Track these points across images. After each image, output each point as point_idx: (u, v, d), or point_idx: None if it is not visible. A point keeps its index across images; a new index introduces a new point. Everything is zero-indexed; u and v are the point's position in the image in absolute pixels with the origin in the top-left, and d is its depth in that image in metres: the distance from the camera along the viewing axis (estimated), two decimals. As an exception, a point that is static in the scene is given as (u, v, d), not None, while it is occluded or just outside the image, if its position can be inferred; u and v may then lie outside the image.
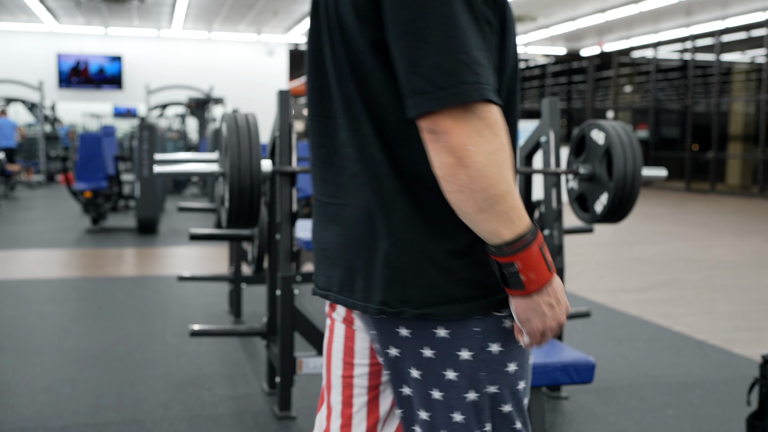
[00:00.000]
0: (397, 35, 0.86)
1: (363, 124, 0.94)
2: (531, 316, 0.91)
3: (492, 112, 0.85)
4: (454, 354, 0.94)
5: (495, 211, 0.86)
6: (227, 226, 2.30)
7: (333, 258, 1.01)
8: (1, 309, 3.95)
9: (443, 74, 0.84)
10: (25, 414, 2.45)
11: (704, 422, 2.46)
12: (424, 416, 0.98)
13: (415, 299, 0.93)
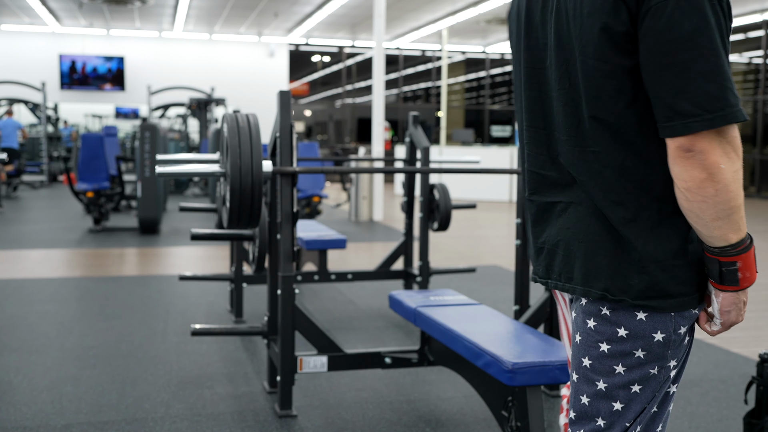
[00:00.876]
0: (661, 65, 0.99)
1: (590, 140, 1.08)
2: (732, 309, 1.07)
3: (736, 135, 1.00)
4: (650, 335, 1.09)
5: (730, 220, 1.03)
6: (228, 226, 2.32)
7: (552, 249, 1.16)
8: (4, 308, 3.97)
9: (711, 99, 0.97)
10: (27, 412, 2.47)
11: (702, 421, 2.48)
12: (602, 386, 1.13)
13: (635, 291, 1.06)
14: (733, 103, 0.97)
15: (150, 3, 13.17)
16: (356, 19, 14.58)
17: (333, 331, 3.58)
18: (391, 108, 18.09)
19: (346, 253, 6.04)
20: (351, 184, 9.07)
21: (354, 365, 2.56)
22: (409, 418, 2.49)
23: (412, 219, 3.93)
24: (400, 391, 2.75)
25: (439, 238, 6.32)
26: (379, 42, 8.61)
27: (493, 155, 11.83)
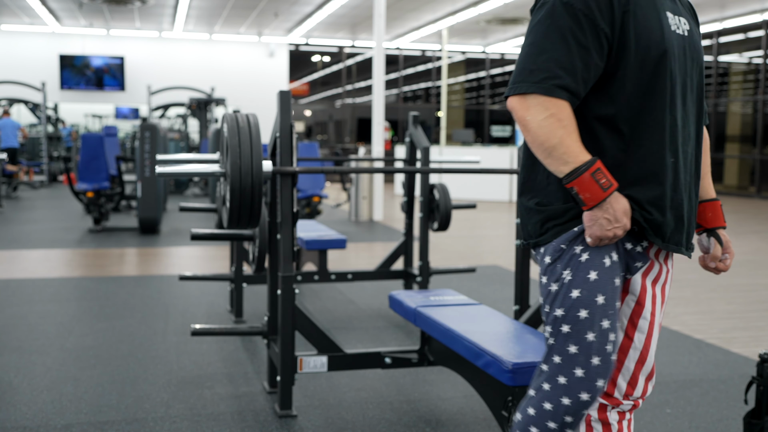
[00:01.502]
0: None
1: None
2: (593, 224, 1.31)
3: (536, 98, 1.30)
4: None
5: (552, 157, 1.31)
6: (228, 226, 2.32)
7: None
8: (4, 308, 3.97)
9: (520, 73, 1.33)
10: (27, 412, 2.47)
11: (702, 421, 2.48)
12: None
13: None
14: (532, 80, 1.30)
15: (150, 3, 13.16)
16: (356, 19, 14.58)
17: (333, 331, 3.58)
18: (391, 108, 18.09)
19: (346, 253, 6.04)
20: (351, 184, 9.08)
21: (354, 365, 2.56)
22: (409, 418, 2.49)
23: (412, 219, 3.93)
24: (400, 391, 2.75)
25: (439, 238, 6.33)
26: (379, 42, 8.61)
27: (493, 155, 11.83)
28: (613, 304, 1.35)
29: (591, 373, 1.33)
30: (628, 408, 1.44)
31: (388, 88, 18.25)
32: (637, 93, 1.34)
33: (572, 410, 1.34)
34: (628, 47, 1.32)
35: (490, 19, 14.39)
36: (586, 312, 1.33)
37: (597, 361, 1.33)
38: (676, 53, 1.37)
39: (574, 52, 1.29)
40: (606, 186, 1.29)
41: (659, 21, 1.34)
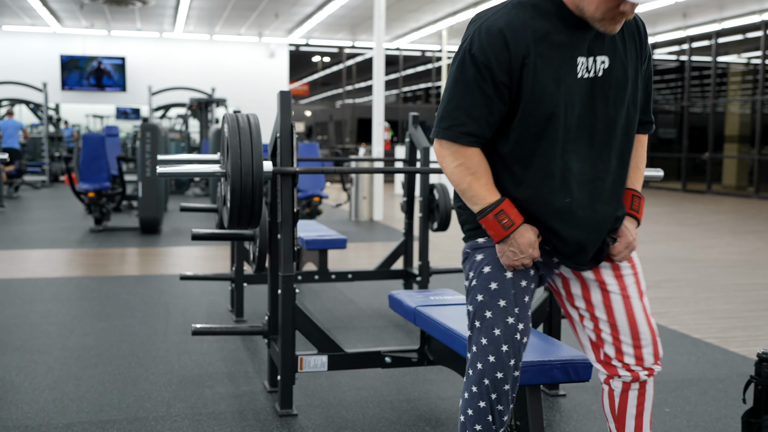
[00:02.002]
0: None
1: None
2: (501, 255, 1.56)
3: (448, 146, 1.53)
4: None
5: (465, 197, 1.56)
6: (229, 226, 2.33)
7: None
8: (6, 308, 3.98)
9: (437, 120, 1.54)
10: (29, 412, 2.48)
11: (700, 420, 2.49)
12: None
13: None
14: (443, 126, 1.51)
15: (151, 4, 13.18)
16: (356, 19, 14.59)
17: (333, 330, 3.60)
18: (391, 108, 18.09)
19: (347, 252, 6.05)
20: (351, 185, 9.09)
21: (354, 364, 2.57)
22: (409, 417, 2.50)
23: (412, 219, 3.94)
24: (400, 390, 2.76)
25: (439, 238, 6.33)
26: (379, 42, 8.62)
27: (493, 155, 11.82)
28: (515, 302, 1.57)
29: (502, 357, 1.56)
30: (628, 378, 1.62)
31: (388, 88, 18.26)
32: (529, 137, 1.51)
33: (493, 388, 1.56)
34: (522, 97, 1.48)
35: (490, 19, 14.38)
36: (490, 313, 1.57)
37: (506, 348, 1.56)
38: (576, 102, 1.50)
39: (478, 100, 1.48)
40: (507, 225, 1.52)
41: (558, 75, 1.48)
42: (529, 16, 1.47)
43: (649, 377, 1.64)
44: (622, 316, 1.62)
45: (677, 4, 12.45)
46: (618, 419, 1.68)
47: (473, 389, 1.58)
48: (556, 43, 1.48)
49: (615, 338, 1.62)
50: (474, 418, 1.60)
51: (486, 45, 1.45)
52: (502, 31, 1.45)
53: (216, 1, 13.13)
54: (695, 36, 14.94)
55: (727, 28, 14.03)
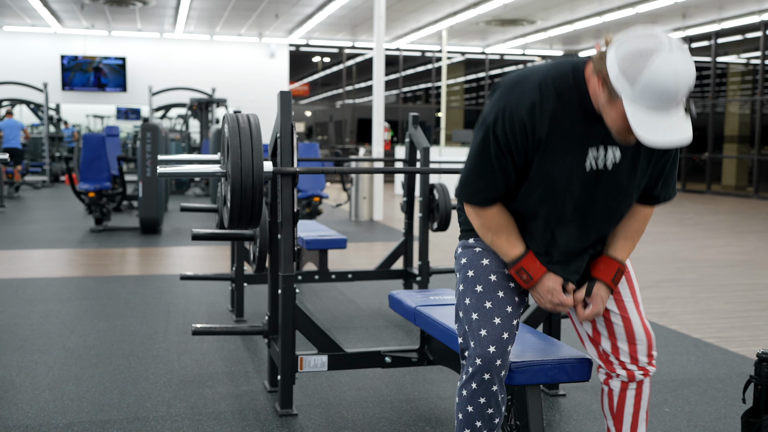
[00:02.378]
0: None
1: None
2: (538, 298, 1.71)
3: (472, 207, 1.69)
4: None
5: (495, 247, 1.71)
6: (229, 226, 2.33)
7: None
8: (6, 308, 3.99)
9: (460, 181, 1.69)
10: (29, 411, 2.48)
11: (700, 420, 2.49)
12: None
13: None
14: (468, 193, 1.66)
15: (151, 4, 13.19)
16: (356, 20, 14.60)
17: (333, 330, 3.60)
18: (391, 108, 18.10)
19: (347, 252, 6.06)
20: (351, 185, 9.09)
21: (354, 364, 2.57)
22: (409, 416, 2.50)
23: (412, 219, 3.94)
24: (400, 390, 2.76)
25: (439, 237, 6.34)
26: (379, 43, 8.63)
27: (493, 156, 11.82)
28: (491, 295, 1.71)
29: (483, 341, 1.66)
30: (625, 378, 1.74)
31: (388, 88, 18.26)
32: (528, 204, 1.65)
33: (486, 367, 1.65)
34: (530, 173, 1.61)
35: (489, 20, 14.40)
36: (468, 299, 1.73)
37: (484, 332, 1.67)
38: (578, 191, 1.61)
39: (498, 173, 1.62)
40: (527, 280, 1.68)
41: (564, 165, 1.58)
42: (552, 103, 1.54)
43: (645, 377, 1.74)
44: (620, 329, 1.75)
45: (677, 5, 12.45)
46: (616, 417, 1.79)
47: (470, 370, 1.68)
48: (571, 134, 1.56)
49: (611, 335, 1.75)
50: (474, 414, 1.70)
51: (509, 129, 1.56)
52: (523, 120, 1.54)
53: (216, 2, 13.14)
54: (695, 36, 14.95)
55: (727, 28, 14.04)
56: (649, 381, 1.75)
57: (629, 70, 1.36)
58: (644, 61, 1.34)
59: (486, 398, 1.68)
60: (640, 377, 1.73)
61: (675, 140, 1.36)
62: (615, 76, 1.39)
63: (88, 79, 16.04)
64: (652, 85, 1.34)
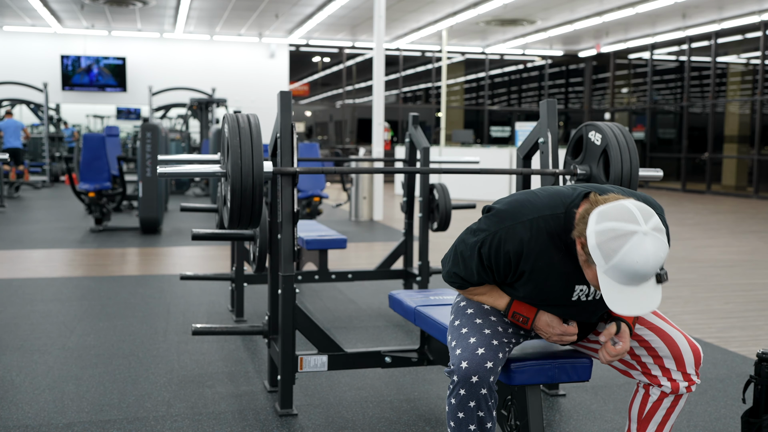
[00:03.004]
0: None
1: None
2: (543, 336, 1.77)
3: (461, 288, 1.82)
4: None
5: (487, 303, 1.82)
6: (229, 226, 2.33)
7: None
8: (6, 308, 3.99)
9: (449, 266, 1.81)
10: (29, 411, 2.49)
11: (700, 419, 2.49)
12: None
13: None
14: (453, 280, 1.79)
15: (151, 4, 13.19)
16: (356, 20, 14.60)
17: (333, 330, 3.60)
18: (391, 108, 18.10)
19: (347, 252, 6.06)
20: (351, 185, 9.09)
21: (354, 364, 2.57)
22: (409, 416, 2.50)
23: (412, 219, 3.94)
24: (400, 390, 2.77)
25: (439, 237, 6.33)
26: (379, 43, 8.63)
27: (492, 155, 11.85)
28: (483, 317, 1.78)
29: (471, 346, 1.69)
30: (668, 389, 1.73)
31: (388, 88, 18.26)
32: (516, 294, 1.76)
33: (473, 370, 1.65)
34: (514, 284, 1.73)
35: (489, 20, 14.41)
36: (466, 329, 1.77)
37: (473, 340, 1.71)
38: (564, 306, 1.72)
39: (482, 276, 1.74)
40: (524, 321, 1.75)
41: (551, 290, 1.69)
42: (541, 243, 1.63)
43: (688, 391, 1.74)
44: (661, 344, 1.74)
45: (677, 5, 12.46)
46: (642, 423, 1.78)
47: (454, 379, 1.69)
48: (557, 272, 1.66)
49: (656, 357, 1.75)
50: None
51: (493, 256, 1.67)
52: (509, 254, 1.65)
53: (216, 2, 13.14)
54: (695, 36, 14.95)
55: (727, 28, 14.04)
56: (687, 396, 1.76)
57: (604, 247, 1.47)
58: (619, 243, 1.45)
59: (476, 401, 1.66)
60: (683, 391, 1.73)
61: (642, 310, 1.47)
62: (592, 246, 1.50)
63: (88, 80, 16.04)
64: (623, 266, 1.44)
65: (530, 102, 19.97)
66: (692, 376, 1.73)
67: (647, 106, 16.51)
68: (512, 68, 19.60)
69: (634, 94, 17.83)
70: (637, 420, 1.78)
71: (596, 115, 18.65)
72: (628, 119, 17.62)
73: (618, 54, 17.57)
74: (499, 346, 1.71)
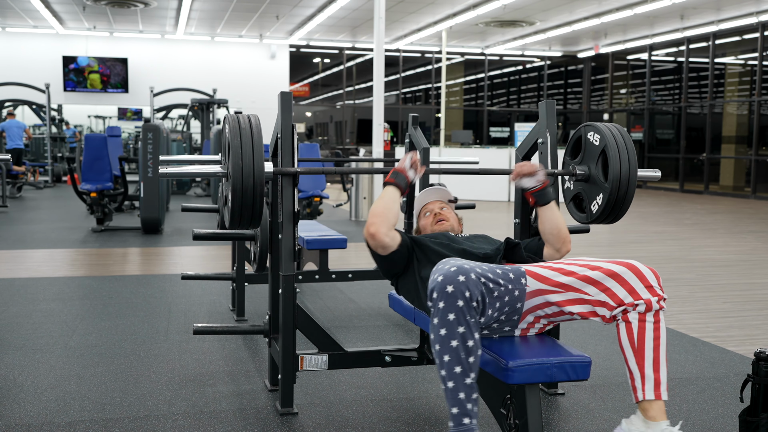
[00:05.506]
0: None
1: None
2: (407, 171, 2.26)
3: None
4: None
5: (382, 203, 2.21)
6: (230, 226, 2.34)
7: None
8: (9, 307, 4.00)
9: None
10: (31, 410, 2.50)
11: (698, 418, 2.50)
12: None
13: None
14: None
15: (152, 5, 13.21)
16: (357, 21, 14.62)
17: (333, 329, 3.62)
18: (390, 109, 18.11)
19: (347, 252, 6.07)
20: (351, 185, 9.11)
21: (354, 363, 2.59)
22: (409, 415, 2.52)
23: (412, 219, 3.96)
24: (400, 389, 2.78)
25: (440, 238, 6.35)
26: (379, 44, 8.64)
27: (491, 156, 11.85)
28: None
29: (443, 268, 1.79)
30: (643, 308, 1.83)
31: (387, 89, 18.27)
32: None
33: (448, 280, 1.75)
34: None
35: (488, 21, 14.42)
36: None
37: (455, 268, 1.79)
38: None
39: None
40: (397, 170, 2.25)
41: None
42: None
43: (660, 307, 1.84)
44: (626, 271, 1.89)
45: (675, 6, 12.47)
46: (637, 352, 1.83)
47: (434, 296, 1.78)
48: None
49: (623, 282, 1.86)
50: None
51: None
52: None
53: (217, 3, 13.16)
54: (693, 37, 14.96)
55: (724, 29, 14.06)
56: (663, 317, 1.85)
57: None
58: None
59: (455, 314, 1.73)
60: (656, 306, 1.82)
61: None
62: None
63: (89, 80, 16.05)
64: None
65: (529, 103, 19.98)
66: (658, 290, 1.85)
67: (645, 106, 16.51)
68: (511, 69, 19.61)
69: (632, 95, 17.84)
70: (633, 352, 1.83)
71: (595, 116, 18.66)
72: (626, 120, 17.63)
73: (616, 55, 17.58)
74: (474, 271, 1.78)
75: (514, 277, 1.90)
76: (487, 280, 1.81)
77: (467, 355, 1.74)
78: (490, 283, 1.82)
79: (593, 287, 1.87)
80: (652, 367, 1.82)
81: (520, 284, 1.90)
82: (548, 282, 1.91)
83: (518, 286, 1.90)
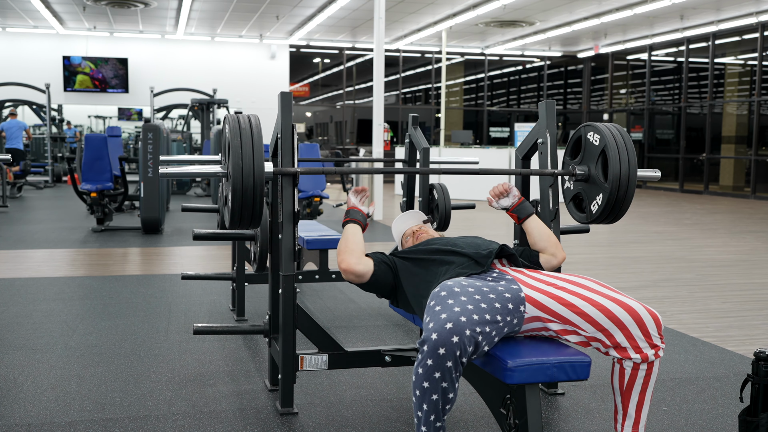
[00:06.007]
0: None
1: None
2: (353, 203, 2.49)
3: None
4: None
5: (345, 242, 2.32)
6: (230, 226, 2.35)
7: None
8: (9, 307, 4.01)
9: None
10: (31, 410, 2.50)
11: (698, 418, 2.51)
12: None
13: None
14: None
15: (152, 6, 13.21)
16: (357, 21, 14.62)
17: (333, 329, 3.62)
18: (390, 109, 18.12)
19: (347, 253, 6.06)
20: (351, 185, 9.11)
21: (354, 363, 2.59)
22: (409, 415, 2.52)
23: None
24: (400, 388, 2.78)
25: (440, 238, 6.36)
26: (379, 44, 8.65)
27: (491, 156, 11.86)
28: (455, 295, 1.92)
29: (441, 320, 1.78)
30: (638, 360, 1.89)
31: (387, 89, 18.28)
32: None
33: (441, 342, 1.74)
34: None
35: (488, 21, 14.42)
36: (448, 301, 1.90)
37: (444, 316, 1.79)
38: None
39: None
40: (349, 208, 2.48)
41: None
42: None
43: (656, 357, 1.89)
44: (624, 314, 1.90)
45: (674, 6, 12.48)
46: (625, 393, 1.95)
47: (422, 356, 1.77)
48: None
49: (623, 329, 1.88)
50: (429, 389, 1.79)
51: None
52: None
53: (217, 3, 13.16)
54: (692, 37, 14.97)
55: (724, 29, 14.06)
56: (659, 361, 1.91)
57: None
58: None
59: (440, 372, 1.74)
60: (652, 358, 1.88)
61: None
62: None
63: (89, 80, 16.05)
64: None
65: (529, 103, 19.99)
66: (656, 340, 1.88)
67: (645, 106, 16.52)
68: (511, 69, 19.61)
69: (632, 95, 17.84)
70: (620, 392, 1.95)
71: (595, 116, 18.66)
72: (626, 120, 17.64)
73: (616, 55, 17.59)
74: (470, 323, 1.77)
75: (513, 306, 1.90)
76: (484, 325, 1.81)
77: (444, 404, 1.78)
78: (487, 327, 1.82)
79: (591, 326, 1.90)
80: (635, 407, 1.94)
81: (518, 312, 1.91)
82: (547, 311, 1.93)
83: (516, 314, 1.91)
